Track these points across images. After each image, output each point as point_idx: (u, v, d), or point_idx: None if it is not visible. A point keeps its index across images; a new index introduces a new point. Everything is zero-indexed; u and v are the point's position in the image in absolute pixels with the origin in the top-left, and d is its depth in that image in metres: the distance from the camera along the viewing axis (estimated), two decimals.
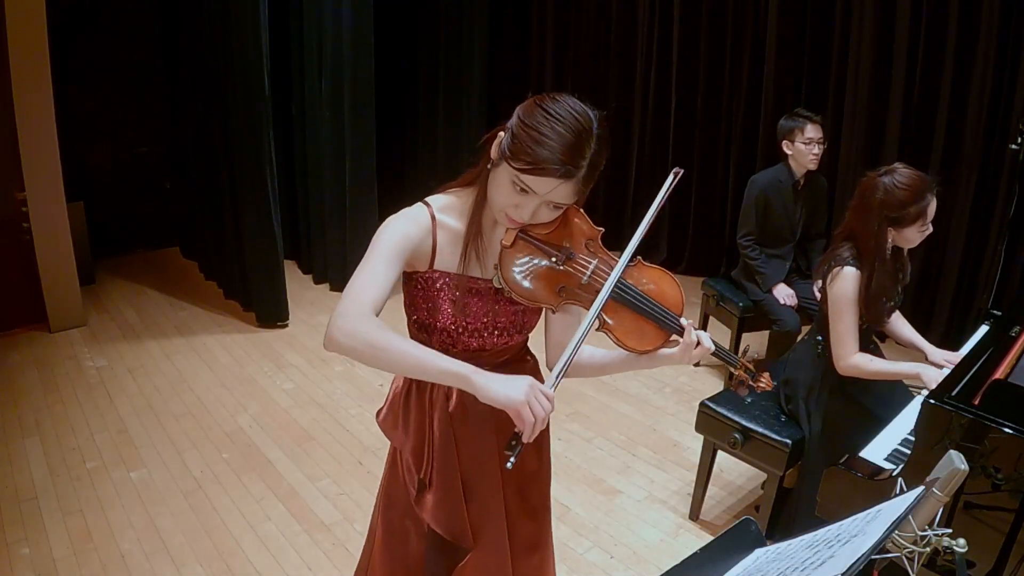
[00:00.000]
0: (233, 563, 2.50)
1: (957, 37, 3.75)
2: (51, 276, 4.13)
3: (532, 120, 1.23)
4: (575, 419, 3.49)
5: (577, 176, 1.24)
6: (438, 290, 1.36)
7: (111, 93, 5.19)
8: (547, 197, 1.25)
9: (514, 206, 1.27)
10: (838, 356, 2.27)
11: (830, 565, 0.86)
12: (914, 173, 2.17)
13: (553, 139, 1.21)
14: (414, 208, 1.36)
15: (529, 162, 1.21)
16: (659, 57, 5.24)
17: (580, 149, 1.23)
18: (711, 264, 5.17)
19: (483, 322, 1.39)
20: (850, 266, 2.22)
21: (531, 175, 1.22)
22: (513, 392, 1.18)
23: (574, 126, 1.23)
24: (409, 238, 1.31)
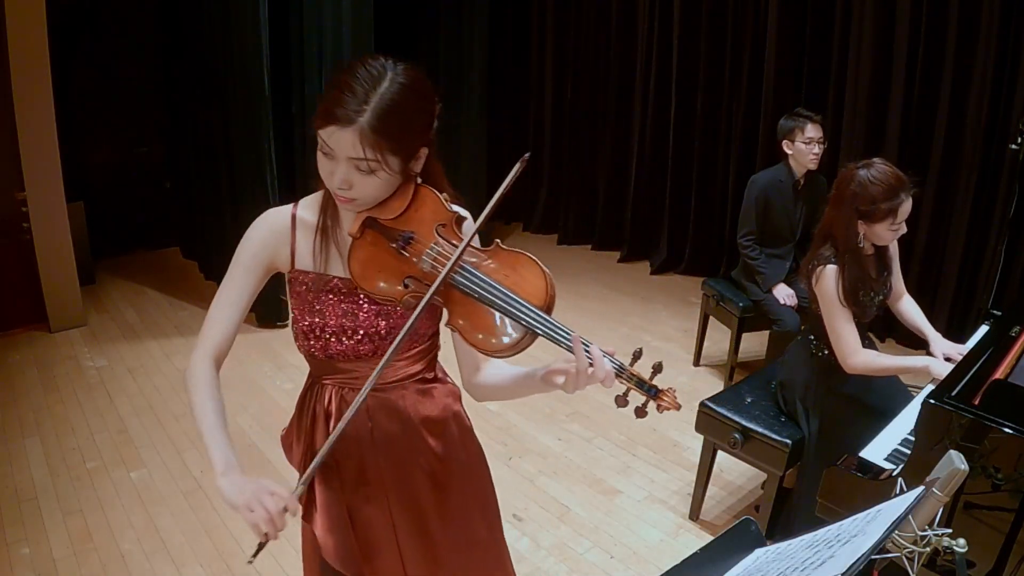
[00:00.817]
0: (233, 563, 2.50)
1: (957, 37, 3.75)
2: (51, 276, 4.13)
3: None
4: (575, 419, 3.49)
5: (358, 122, 1.12)
6: (298, 291, 1.31)
7: (111, 93, 5.19)
8: (342, 152, 1.15)
9: (329, 175, 1.19)
10: (842, 356, 2.26)
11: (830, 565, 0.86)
12: (891, 170, 2.17)
13: (334, 85, 1.16)
14: (279, 207, 1.33)
15: (319, 117, 1.16)
16: (659, 57, 5.24)
17: (359, 92, 1.13)
18: (711, 264, 5.17)
19: (340, 324, 1.29)
20: (831, 264, 2.23)
21: (320, 129, 1.16)
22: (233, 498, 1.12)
23: (357, 71, 1.15)
24: (263, 245, 1.30)
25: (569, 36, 5.87)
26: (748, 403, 2.64)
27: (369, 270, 1.21)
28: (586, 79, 5.84)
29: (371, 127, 1.12)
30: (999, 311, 2.64)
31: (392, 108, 1.14)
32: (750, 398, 2.67)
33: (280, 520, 1.11)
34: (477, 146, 5.54)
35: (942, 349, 2.34)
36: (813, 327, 2.46)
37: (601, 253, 5.88)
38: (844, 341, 2.25)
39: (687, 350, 4.14)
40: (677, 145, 5.26)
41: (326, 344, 1.32)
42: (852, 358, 2.25)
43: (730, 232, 4.99)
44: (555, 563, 2.55)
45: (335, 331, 1.30)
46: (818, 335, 2.42)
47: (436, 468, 1.43)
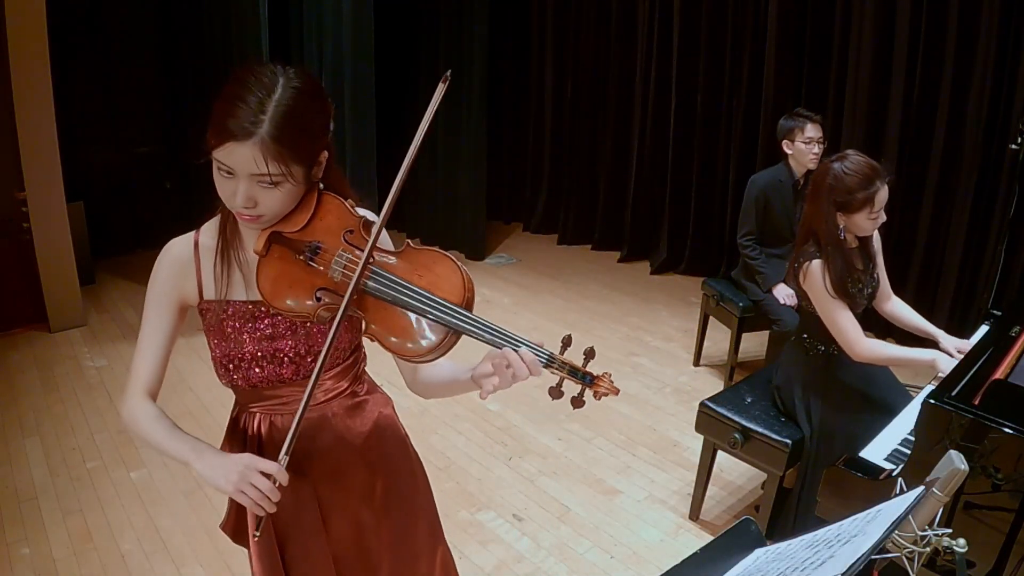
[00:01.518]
0: (233, 563, 2.50)
1: (957, 37, 3.75)
2: (51, 276, 4.13)
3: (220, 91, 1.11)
4: (575, 419, 3.49)
5: (258, 134, 1.06)
6: (209, 323, 1.25)
7: (111, 93, 5.19)
8: (244, 170, 1.08)
9: (231, 195, 1.11)
10: (848, 346, 2.26)
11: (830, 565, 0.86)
12: (865, 160, 2.19)
13: (223, 101, 1.08)
14: (181, 238, 1.25)
15: (211, 136, 1.08)
16: (659, 57, 5.24)
17: (253, 103, 1.07)
18: (711, 264, 5.17)
19: (258, 351, 1.25)
20: (816, 259, 2.25)
21: (217, 150, 1.08)
22: (220, 482, 1.12)
23: (247, 81, 1.09)
24: (169, 280, 1.24)
25: (569, 36, 5.87)
26: (748, 403, 2.64)
27: (279, 287, 1.15)
28: (586, 79, 5.84)
29: (272, 137, 1.06)
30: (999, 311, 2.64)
31: (290, 115, 1.08)
32: (750, 398, 2.67)
33: (274, 495, 1.12)
34: (477, 146, 5.54)
35: (953, 344, 2.34)
36: (806, 326, 2.47)
37: (601, 253, 5.88)
38: (846, 331, 2.25)
39: (687, 350, 4.14)
40: (677, 145, 5.26)
41: (247, 373, 1.27)
42: (858, 346, 2.24)
43: (730, 232, 4.99)
44: (555, 563, 2.55)
45: (254, 358, 1.25)
46: (811, 333, 2.43)
47: (375, 484, 1.39)
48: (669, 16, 5.12)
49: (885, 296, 2.50)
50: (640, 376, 3.90)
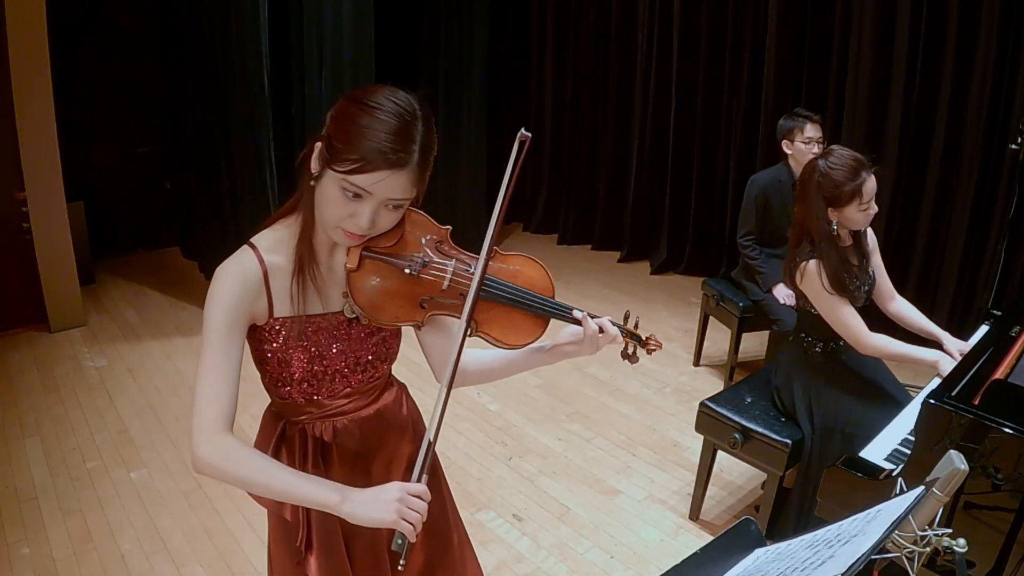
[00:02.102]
0: (233, 563, 2.50)
1: (957, 37, 3.75)
2: (51, 276, 4.13)
3: (348, 117, 1.12)
4: (575, 419, 3.49)
5: (411, 163, 1.12)
6: (283, 340, 1.23)
7: (111, 93, 5.19)
8: (383, 195, 1.13)
9: (349, 216, 1.14)
10: (855, 340, 2.27)
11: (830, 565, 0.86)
12: (849, 153, 2.22)
13: (375, 128, 1.10)
14: (241, 257, 1.22)
15: (355, 160, 1.09)
16: (659, 57, 5.24)
17: (407, 132, 1.11)
18: (711, 264, 5.17)
19: (342, 362, 1.28)
20: (812, 259, 2.26)
21: (360, 174, 1.10)
22: (381, 514, 1.14)
23: (394, 110, 1.12)
24: (241, 301, 1.19)
25: (569, 36, 5.87)
26: (748, 403, 2.64)
27: (380, 300, 1.21)
28: (586, 79, 5.84)
29: (419, 165, 1.13)
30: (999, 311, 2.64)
31: (428, 144, 1.15)
32: (750, 398, 2.67)
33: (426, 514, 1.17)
34: (477, 146, 5.54)
35: (957, 346, 2.34)
36: (803, 324, 2.47)
37: (601, 253, 5.88)
38: (850, 326, 2.26)
39: (687, 350, 4.14)
40: (677, 145, 5.26)
41: (328, 386, 1.29)
42: (864, 339, 2.25)
43: (730, 232, 4.99)
44: (555, 563, 2.55)
45: (338, 370, 1.28)
46: (808, 332, 2.43)
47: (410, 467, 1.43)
48: (669, 16, 5.12)
49: (888, 296, 2.50)
50: (640, 376, 3.90)
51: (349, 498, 1.15)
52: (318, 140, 1.16)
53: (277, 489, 1.17)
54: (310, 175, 1.18)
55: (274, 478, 1.16)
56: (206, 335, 1.18)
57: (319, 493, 1.16)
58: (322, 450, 1.33)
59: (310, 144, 1.18)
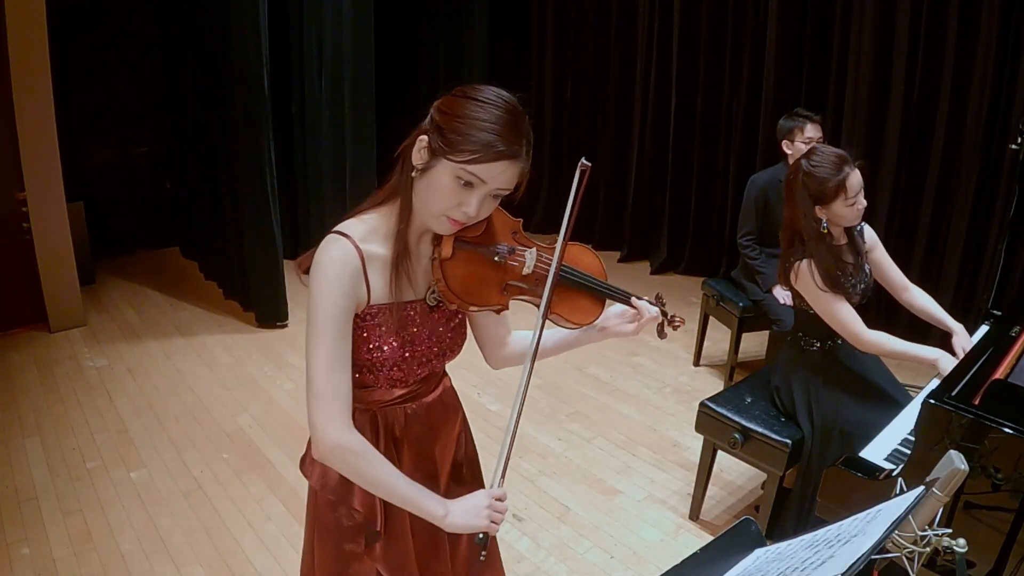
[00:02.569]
0: (233, 563, 2.50)
1: (957, 37, 3.75)
2: (51, 276, 4.13)
3: (461, 110, 1.19)
4: (575, 419, 3.49)
5: (522, 155, 1.20)
6: (378, 326, 1.28)
7: (111, 93, 5.19)
8: (494, 185, 1.20)
9: (456, 205, 1.20)
10: (853, 337, 2.27)
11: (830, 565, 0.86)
12: (831, 150, 2.25)
13: (492, 122, 1.17)
14: (339, 246, 1.24)
15: (475, 150, 1.16)
16: (659, 57, 5.24)
17: (519, 127, 1.20)
18: (711, 264, 5.17)
19: (427, 347, 1.34)
20: (804, 259, 2.27)
21: (479, 163, 1.17)
22: (477, 522, 1.28)
23: (506, 107, 1.20)
24: (350, 289, 1.23)
25: (569, 36, 5.87)
26: (748, 403, 2.64)
27: (470, 285, 1.30)
28: (586, 79, 5.84)
29: (527, 158, 1.22)
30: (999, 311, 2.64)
31: (531, 141, 1.23)
32: (750, 398, 2.67)
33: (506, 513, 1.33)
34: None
35: (964, 344, 2.34)
36: (800, 324, 2.48)
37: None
38: (847, 323, 2.25)
39: (687, 350, 4.14)
40: (677, 145, 5.26)
41: (414, 370, 1.34)
42: (862, 336, 2.25)
43: (730, 232, 4.99)
44: (555, 563, 2.55)
45: (424, 354, 1.34)
46: (806, 331, 2.44)
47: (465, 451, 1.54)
48: (669, 16, 5.12)
49: (902, 287, 2.51)
50: (640, 376, 3.90)
51: (451, 511, 1.28)
52: (422, 134, 1.22)
53: (394, 494, 1.28)
54: (411, 167, 1.24)
55: (395, 485, 1.27)
56: (318, 327, 1.22)
57: (429, 505, 1.28)
58: (394, 438, 1.39)
59: (412, 137, 1.24)
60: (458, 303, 1.30)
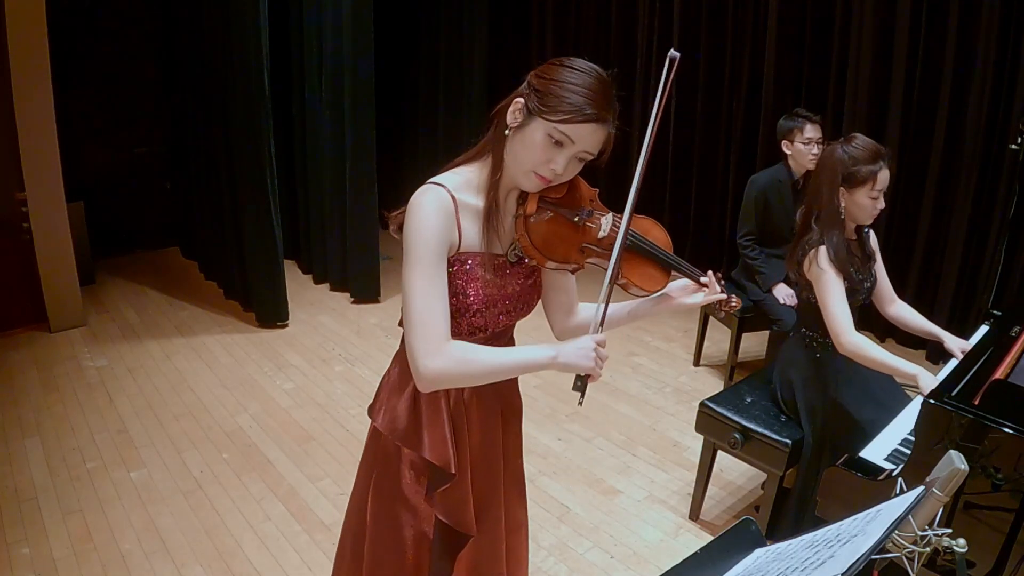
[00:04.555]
0: (233, 563, 2.50)
1: (957, 37, 3.75)
2: (51, 276, 4.13)
3: (558, 75, 1.29)
4: (575, 419, 3.49)
5: (609, 121, 1.30)
6: (467, 272, 1.36)
7: (111, 93, 5.19)
8: (582, 146, 1.29)
9: (546, 162, 1.30)
10: (836, 333, 2.24)
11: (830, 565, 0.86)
12: (869, 141, 2.26)
13: (585, 87, 1.28)
14: (434, 191, 1.33)
15: (569, 111, 1.26)
16: (659, 57, 5.23)
17: (609, 95, 1.30)
18: (711, 264, 5.14)
19: (508, 299, 1.42)
20: (821, 246, 2.26)
21: (571, 123, 1.26)
22: (586, 362, 1.31)
23: (598, 76, 1.31)
24: (443, 229, 1.31)
25: (569, 36, 5.86)
26: (748, 403, 2.64)
27: (551, 243, 1.38)
28: None
29: (611, 127, 1.32)
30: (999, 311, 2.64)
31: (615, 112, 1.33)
32: (750, 398, 2.67)
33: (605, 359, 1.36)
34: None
35: (959, 345, 2.34)
36: (805, 319, 2.46)
37: None
38: (837, 318, 2.23)
39: (687, 350, 4.14)
40: (677, 145, 5.26)
41: (495, 320, 1.41)
42: (845, 336, 2.22)
43: (730, 232, 4.98)
44: (555, 563, 2.55)
45: (505, 305, 1.42)
46: (810, 326, 2.43)
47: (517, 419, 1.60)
48: (669, 16, 5.11)
49: (889, 299, 2.50)
50: (640, 376, 3.90)
51: (560, 351, 1.32)
52: (518, 96, 1.32)
53: (508, 368, 1.36)
54: (504, 125, 1.33)
55: (504, 361, 1.33)
56: (414, 260, 1.28)
57: (540, 355, 1.32)
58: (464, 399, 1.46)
59: (508, 99, 1.34)
60: (538, 258, 1.38)
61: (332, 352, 4.12)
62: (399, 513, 1.49)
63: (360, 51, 4.43)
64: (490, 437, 1.52)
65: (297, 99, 4.93)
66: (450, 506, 1.47)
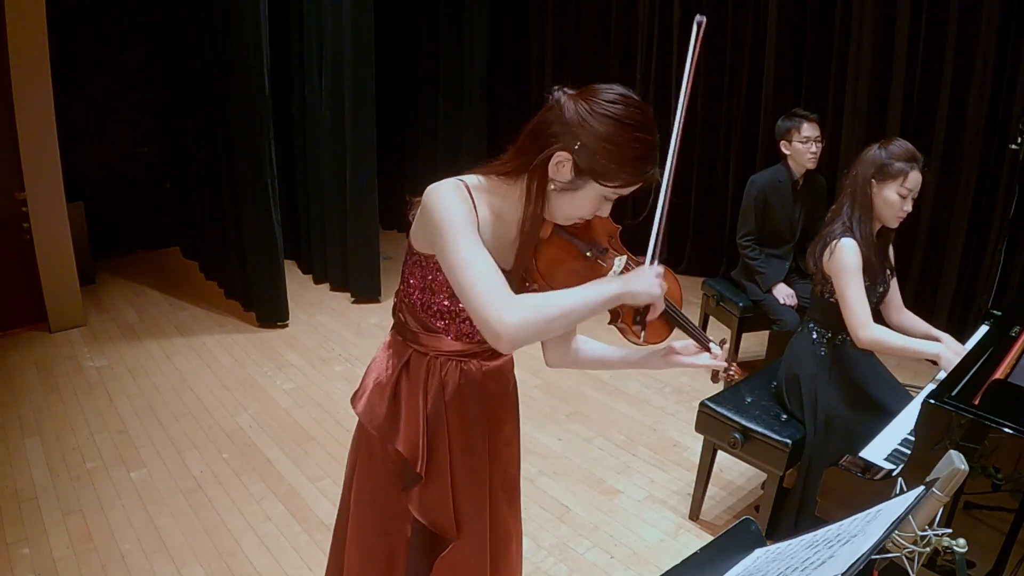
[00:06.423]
0: (233, 563, 2.50)
1: (957, 37, 3.75)
2: (51, 276, 4.13)
3: (611, 135, 1.21)
4: (575, 419, 3.49)
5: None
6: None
7: (111, 93, 5.19)
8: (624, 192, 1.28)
9: (592, 212, 1.30)
10: (854, 327, 2.25)
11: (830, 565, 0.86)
12: (908, 144, 2.29)
13: (644, 147, 1.24)
14: (454, 183, 1.30)
15: (631, 179, 1.24)
16: (659, 57, 5.24)
17: (657, 143, 1.27)
18: (711, 264, 5.17)
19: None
20: (846, 237, 2.26)
21: (632, 186, 1.26)
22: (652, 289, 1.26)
23: (650, 126, 1.25)
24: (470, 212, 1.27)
25: (569, 36, 5.86)
26: (748, 403, 2.64)
27: (555, 271, 1.35)
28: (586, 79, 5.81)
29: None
30: (999, 311, 2.64)
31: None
32: (750, 398, 2.67)
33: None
34: (477, 146, 5.54)
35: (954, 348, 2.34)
36: (816, 315, 2.46)
37: None
38: (856, 312, 2.23)
39: None
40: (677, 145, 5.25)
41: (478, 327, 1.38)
42: (863, 330, 2.23)
43: (730, 232, 4.99)
44: (555, 563, 2.55)
45: None
46: (818, 322, 2.43)
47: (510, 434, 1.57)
48: (669, 16, 5.11)
49: (897, 308, 2.51)
50: (640, 376, 3.90)
51: (628, 280, 1.26)
52: (562, 151, 1.23)
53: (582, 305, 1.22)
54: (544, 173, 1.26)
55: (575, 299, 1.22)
56: (453, 233, 1.22)
57: (609, 287, 1.25)
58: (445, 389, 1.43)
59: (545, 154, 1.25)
60: (540, 283, 1.35)
61: (332, 352, 4.12)
62: (378, 501, 1.50)
63: (360, 51, 4.43)
64: (473, 445, 1.49)
65: (297, 99, 4.93)
66: (427, 507, 1.46)
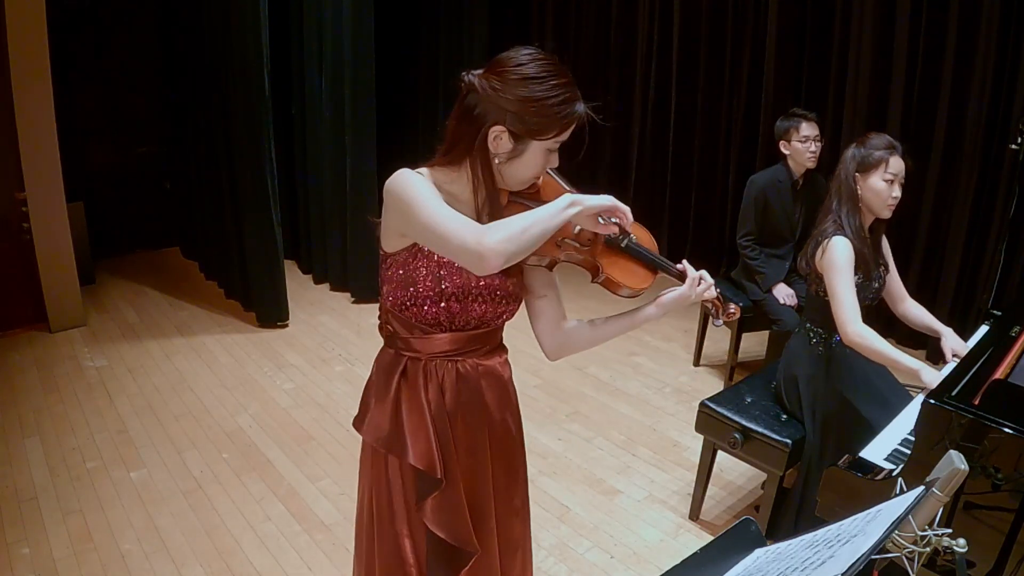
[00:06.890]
0: (233, 563, 2.50)
1: (957, 37, 3.75)
2: (51, 276, 4.13)
3: (527, 91, 1.28)
4: (575, 419, 3.49)
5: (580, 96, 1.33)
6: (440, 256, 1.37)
7: (111, 93, 5.19)
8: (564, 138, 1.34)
9: (543, 166, 1.36)
10: (842, 322, 2.25)
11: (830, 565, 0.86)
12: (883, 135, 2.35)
13: (564, 90, 1.29)
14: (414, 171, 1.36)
15: (564, 123, 1.30)
16: (659, 57, 5.24)
17: (571, 80, 1.31)
18: (711, 264, 5.16)
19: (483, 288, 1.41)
20: (837, 235, 2.27)
21: (566, 131, 1.32)
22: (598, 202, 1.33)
23: (559, 70, 1.30)
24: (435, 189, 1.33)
25: (569, 36, 5.86)
26: (748, 403, 2.64)
27: None
28: (586, 79, 5.83)
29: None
30: (999, 311, 2.64)
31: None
32: (750, 398, 2.67)
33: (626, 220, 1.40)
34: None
35: (952, 345, 2.34)
36: (812, 315, 2.47)
37: None
38: (845, 307, 2.24)
39: (687, 350, 4.14)
40: (677, 145, 5.26)
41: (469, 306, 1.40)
42: (851, 326, 2.23)
43: (730, 232, 4.98)
44: (555, 563, 2.55)
45: (480, 291, 1.41)
46: (815, 322, 2.44)
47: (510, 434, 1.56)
48: (669, 16, 5.11)
49: (900, 298, 2.52)
50: (640, 376, 3.90)
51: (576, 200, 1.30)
52: (494, 126, 1.30)
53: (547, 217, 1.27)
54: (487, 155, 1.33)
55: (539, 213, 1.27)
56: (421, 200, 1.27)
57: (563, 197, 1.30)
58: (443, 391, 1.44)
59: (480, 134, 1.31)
60: None
61: (332, 352, 4.12)
62: (395, 521, 1.48)
63: (360, 51, 4.43)
64: (477, 453, 1.49)
65: (297, 99, 4.92)
66: (444, 519, 1.44)
